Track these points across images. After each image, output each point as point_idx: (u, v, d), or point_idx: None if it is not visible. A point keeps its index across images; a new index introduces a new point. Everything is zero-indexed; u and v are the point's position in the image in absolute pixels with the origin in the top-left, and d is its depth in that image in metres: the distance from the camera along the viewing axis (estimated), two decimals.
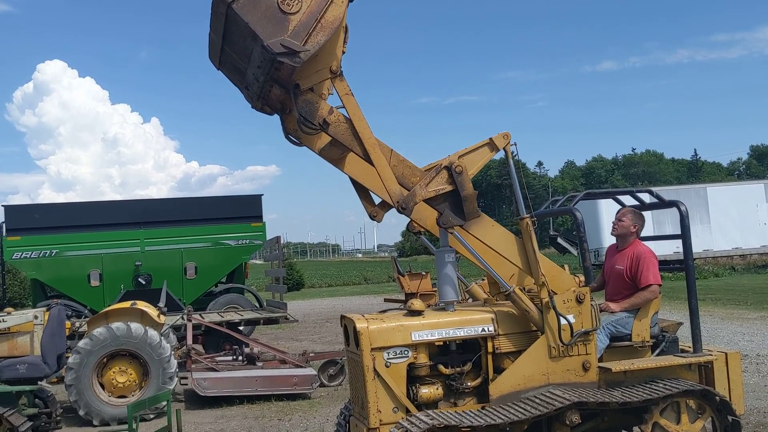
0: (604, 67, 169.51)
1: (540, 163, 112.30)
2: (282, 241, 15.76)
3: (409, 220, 5.41)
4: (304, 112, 4.89)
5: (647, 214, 6.21)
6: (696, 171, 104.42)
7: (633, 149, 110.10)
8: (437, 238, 5.53)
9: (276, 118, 5.23)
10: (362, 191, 5.30)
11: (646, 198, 6.44)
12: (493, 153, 5.33)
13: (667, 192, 29.39)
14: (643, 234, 6.37)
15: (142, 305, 9.66)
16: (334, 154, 5.16)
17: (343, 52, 4.97)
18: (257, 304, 16.50)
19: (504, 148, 5.32)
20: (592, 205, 26.74)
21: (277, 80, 4.88)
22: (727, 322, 15.27)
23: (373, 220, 5.35)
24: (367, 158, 5.10)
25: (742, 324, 14.81)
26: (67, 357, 9.22)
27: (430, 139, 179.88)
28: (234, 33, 4.83)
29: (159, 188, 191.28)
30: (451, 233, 5.26)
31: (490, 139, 5.31)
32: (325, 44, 4.68)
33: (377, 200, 5.31)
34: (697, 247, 30.18)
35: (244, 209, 16.87)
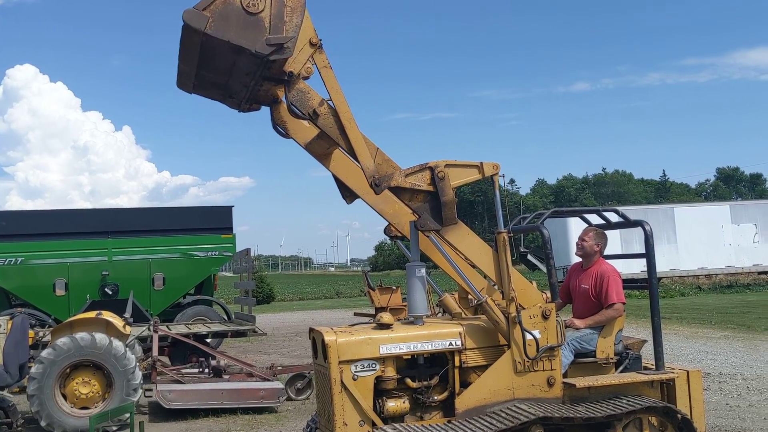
0: (577, 88, 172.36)
1: (512, 181, 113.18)
2: (253, 254, 15.69)
3: (387, 224, 5.45)
4: (295, 101, 4.94)
5: (615, 233, 6.31)
6: (664, 191, 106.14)
7: (603, 169, 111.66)
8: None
9: (252, 130, 5.24)
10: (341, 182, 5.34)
11: (613, 217, 6.53)
12: (479, 176, 5.35)
13: (635, 211, 29.89)
14: (611, 252, 6.49)
15: (107, 315, 9.52)
16: (320, 149, 5.18)
17: None
18: (225, 317, 16.35)
19: (492, 177, 5.37)
20: (562, 223, 27.02)
21: (269, 78, 4.92)
22: (691, 340, 15.51)
23: (345, 200, 5.40)
24: (351, 151, 5.09)
25: (706, 343, 15.05)
26: (30, 366, 9.06)
27: (405, 154, 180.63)
28: (210, 55, 4.82)
29: (130, 197, 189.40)
30: (428, 237, 5.30)
31: (481, 163, 5.35)
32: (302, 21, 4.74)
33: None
34: (664, 266, 30.67)
35: (214, 220, 16.75)
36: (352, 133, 5.05)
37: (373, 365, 5.20)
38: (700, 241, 30.78)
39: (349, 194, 5.43)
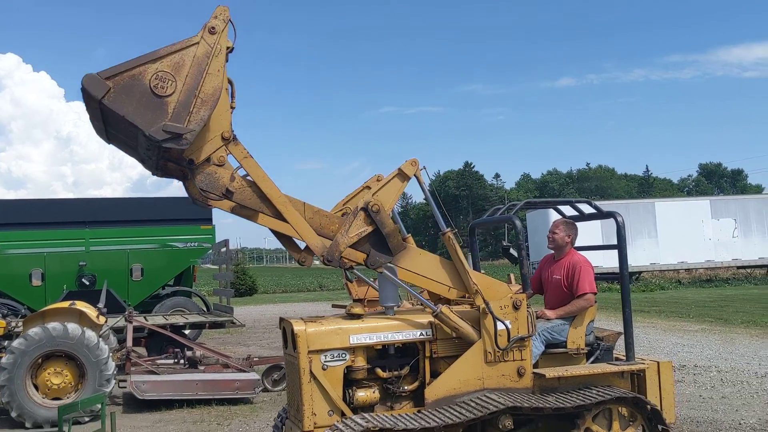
0: (563, 83, 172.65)
1: (497, 175, 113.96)
2: (237, 246, 15.65)
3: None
4: (204, 186, 4.81)
5: (596, 226, 6.31)
6: (647, 187, 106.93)
7: (587, 164, 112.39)
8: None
9: (236, 121, 5.05)
10: (285, 239, 5.18)
11: (586, 209, 6.53)
12: (405, 182, 5.33)
13: (617, 206, 30.00)
14: (587, 243, 6.50)
15: (81, 305, 9.42)
16: (248, 213, 5.05)
17: (233, 108, 4.86)
18: (205, 308, 16.25)
19: (415, 175, 5.33)
20: (543, 216, 27.13)
21: (169, 159, 4.79)
22: (668, 333, 15.62)
23: (302, 265, 5.27)
24: (280, 217, 5.02)
25: (683, 336, 15.16)
26: (0, 357, 8.94)
27: (392, 147, 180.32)
28: (112, 120, 4.68)
29: (114, 189, 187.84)
30: (381, 272, 5.27)
31: (399, 169, 5.32)
32: (210, 116, 4.61)
33: (302, 244, 5.20)
34: (644, 260, 30.89)
35: (193, 211, 16.55)
36: (290, 216, 5.00)
37: (343, 355, 5.18)
38: (681, 235, 31.01)
39: (300, 253, 5.19)
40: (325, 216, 5.19)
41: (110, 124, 4.82)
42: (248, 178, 4.94)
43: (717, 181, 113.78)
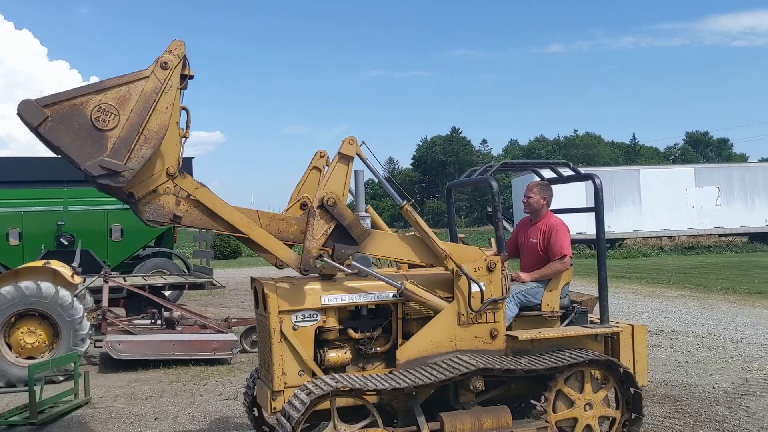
0: (552, 49, 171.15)
1: (484, 141, 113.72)
2: None
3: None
4: (150, 216, 4.64)
5: (581, 192, 6.22)
6: (634, 154, 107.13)
7: (575, 131, 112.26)
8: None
9: (223, 83, 4.81)
10: (253, 244, 5.00)
11: (565, 172, 6.45)
12: (350, 164, 5.15)
13: (601, 172, 30.03)
14: (566, 206, 6.45)
15: (55, 264, 9.31)
16: (201, 228, 4.94)
17: (186, 137, 4.68)
18: (185, 270, 16.16)
19: (357, 154, 5.17)
20: (529, 181, 27.07)
21: (109, 192, 4.60)
22: (648, 299, 15.75)
23: (280, 268, 5.13)
24: (234, 229, 4.88)
25: (662, 301, 15.28)
26: None
27: (378, 111, 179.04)
28: (53, 147, 4.42)
29: None
30: (349, 264, 5.17)
31: (339, 152, 5.13)
32: (153, 154, 4.43)
33: None
34: (628, 227, 31.07)
35: None
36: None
37: (315, 316, 5.13)
38: (664, 203, 31.15)
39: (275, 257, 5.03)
40: (281, 220, 5.06)
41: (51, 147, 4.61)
42: (192, 198, 4.76)
43: (703, 150, 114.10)
